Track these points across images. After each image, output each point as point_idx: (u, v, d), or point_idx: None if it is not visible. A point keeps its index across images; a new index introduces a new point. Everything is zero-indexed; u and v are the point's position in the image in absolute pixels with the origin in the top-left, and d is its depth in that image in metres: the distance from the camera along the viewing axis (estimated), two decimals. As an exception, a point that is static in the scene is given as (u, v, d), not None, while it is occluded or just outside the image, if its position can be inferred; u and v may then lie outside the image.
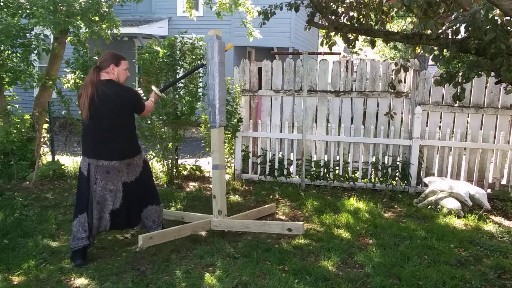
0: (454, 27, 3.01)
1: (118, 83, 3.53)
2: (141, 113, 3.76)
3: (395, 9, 4.46)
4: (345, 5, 4.51)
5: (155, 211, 3.78)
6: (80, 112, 3.51)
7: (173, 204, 5.03)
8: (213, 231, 4.05)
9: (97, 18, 6.33)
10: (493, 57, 2.92)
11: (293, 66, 6.06)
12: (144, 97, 5.73)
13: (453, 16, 3.70)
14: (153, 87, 4.14)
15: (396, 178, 5.67)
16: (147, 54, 5.55)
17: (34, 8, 5.81)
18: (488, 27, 2.69)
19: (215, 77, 3.95)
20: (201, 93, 5.81)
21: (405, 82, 5.72)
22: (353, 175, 5.85)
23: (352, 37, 4.48)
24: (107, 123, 3.44)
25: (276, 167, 6.03)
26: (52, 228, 4.23)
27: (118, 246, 3.82)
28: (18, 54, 6.15)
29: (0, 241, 3.86)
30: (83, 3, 5.93)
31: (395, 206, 5.10)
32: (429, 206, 4.96)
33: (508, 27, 2.74)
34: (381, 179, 5.70)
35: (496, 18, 2.75)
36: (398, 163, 5.68)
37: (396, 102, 5.82)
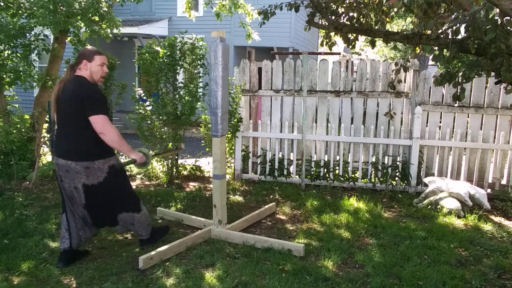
0: (454, 27, 3.01)
1: (85, 80, 3.28)
2: (94, 120, 3.17)
3: (395, 9, 4.46)
4: (345, 5, 4.51)
5: (132, 217, 3.49)
6: None
7: (173, 204, 5.03)
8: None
9: (97, 18, 6.33)
10: (493, 57, 2.91)
11: (293, 66, 6.06)
12: (145, 97, 5.78)
13: (453, 16, 3.70)
14: (143, 149, 3.57)
15: (396, 178, 5.67)
16: (147, 54, 5.55)
17: (34, 8, 5.81)
18: (488, 27, 2.69)
19: (218, 84, 3.74)
20: (201, 93, 5.81)
21: (405, 82, 5.72)
22: (353, 175, 5.85)
23: (352, 37, 4.48)
24: (68, 120, 3.26)
25: (276, 167, 6.04)
26: (52, 228, 4.23)
27: (118, 246, 3.82)
28: (18, 54, 6.15)
29: (0, 241, 3.86)
30: (83, 3, 5.93)
31: (395, 206, 5.10)
32: (429, 206, 4.96)
33: (508, 27, 2.74)
34: (381, 179, 5.70)
35: (496, 18, 2.75)
36: (398, 163, 5.69)
37: (396, 102, 5.82)
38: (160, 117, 5.62)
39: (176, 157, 6.18)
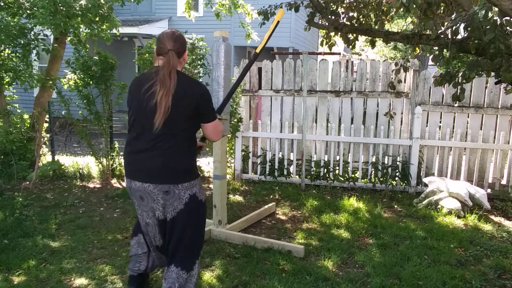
0: (454, 27, 3.01)
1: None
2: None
3: (395, 9, 4.46)
4: (345, 5, 4.51)
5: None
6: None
7: (173, 204, 5.03)
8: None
9: (97, 19, 6.33)
10: (492, 57, 2.91)
11: (293, 66, 6.07)
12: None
13: (453, 16, 3.70)
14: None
15: (396, 178, 5.67)
16: (147, 54, 5.56)
17: (34, 8, 5.81)
18: (487, 27, 2.69)
19: (220, 84, 3.71)
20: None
21: (405, 82, 5.72)
22: (353, 175, 5.85)
23: (352, 37, 4.47)
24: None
25: (276, 167, 6.03)
26: (52, 228, 4.23)
27: (118, 246, 3.82)
28: (18, 54, 6.15)
29: (0, 241, 3.86)
30: (83, 4, 5.94)
31: (395, 206, 5.10)
32: (429, 206, 4.96)
33: (508, 27, 2.74)
34: (381, 179, 5.70)
35: (495, 18, 2.74)
36: (398, 163, 5.68)
37: (396, 102, 5.82)
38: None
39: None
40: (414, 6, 3.16)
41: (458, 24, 2.91)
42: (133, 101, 2.47)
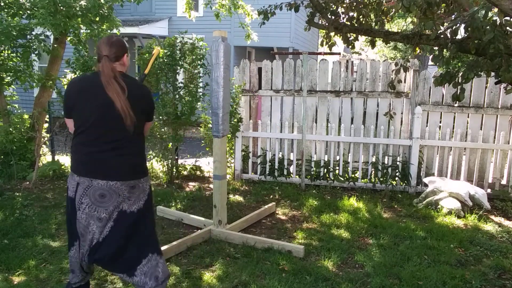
0: (454, 27, 3.01)
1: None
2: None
3: (395, 9, 4.46)
4: (345, 5, 4.51)
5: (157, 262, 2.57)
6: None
7: (173, 204, 5.04)
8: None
9: (97, 19, 6.33)
10: (492, 57, 2.91)
11: (293, 66, 6.07)
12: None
13: (453, 16, 3.70)
14: None
15: (396, 178, 5.67)
16: (147, 54, 5.56)
17: (34, 9, 5.81)
18: (487, 27, 2.69)
19: (220, 84, 3.72)
20: (201, 93, 5.82)
21: (405, 82, 5.72)
22: (353, 175, 5.85)
23: (352, 37, 4.47)
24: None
25: (276, 167, 6.04)
26: (52, 228, 4.23)
27: (118, 246, 3.81)
28: (18, 54, 6.16)
29: (0, 241, 3.86)
30: (83, 4, 5.94)
31: (395, 206, 5.10)
32: (429, 206, 4.96)
33: (507, 27, 2.74)
34: (381, 179, 5.70)
35: (495, 18, 2.75)
36: (398, 163, 5.69)
37: (396, 102, 5.82)
38: (160, 117, 5.62)
39: (176, 157, 6.18)
40: (415, 7, 3.16)
41: (458, 24, 2.91)
42: (81, 104, 2.50)
